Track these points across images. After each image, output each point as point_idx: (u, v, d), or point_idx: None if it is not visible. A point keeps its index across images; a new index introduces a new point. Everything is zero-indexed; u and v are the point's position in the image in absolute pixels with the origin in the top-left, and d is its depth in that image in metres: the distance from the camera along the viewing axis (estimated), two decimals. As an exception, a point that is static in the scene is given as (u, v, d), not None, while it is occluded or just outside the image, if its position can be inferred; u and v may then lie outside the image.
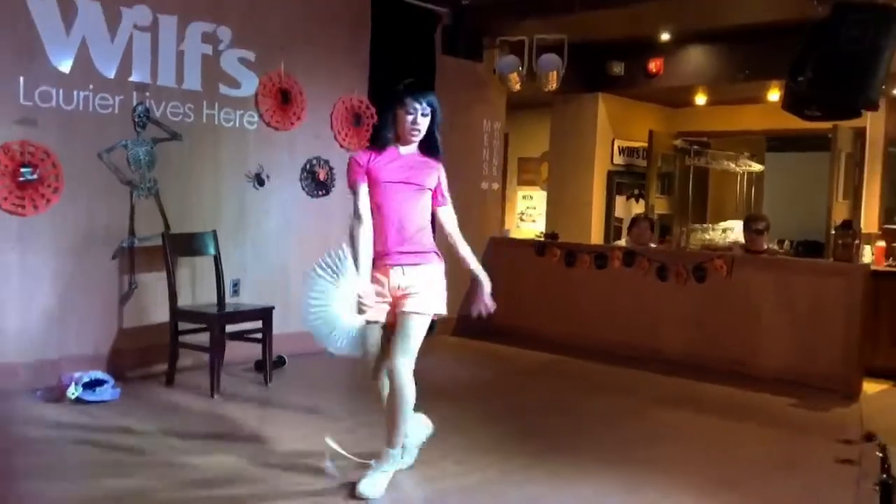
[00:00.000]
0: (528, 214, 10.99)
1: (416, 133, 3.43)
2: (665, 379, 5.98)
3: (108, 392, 4.75)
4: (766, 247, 6.76)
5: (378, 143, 3.46)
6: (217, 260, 5.47)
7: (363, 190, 3.42)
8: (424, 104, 3.41)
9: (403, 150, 3.47)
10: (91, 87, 5.06)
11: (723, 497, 3.59)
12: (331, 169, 6.38)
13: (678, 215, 9.10)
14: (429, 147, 3.51)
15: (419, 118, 3.41)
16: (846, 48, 5.09)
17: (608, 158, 8.91)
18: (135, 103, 5.25)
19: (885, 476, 3.51)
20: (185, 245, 5.39)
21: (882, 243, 6.85)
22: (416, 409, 3.54)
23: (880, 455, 3.78)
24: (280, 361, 5.67)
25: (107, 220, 5.19)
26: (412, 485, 3.60)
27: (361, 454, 3.76)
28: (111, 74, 5.14)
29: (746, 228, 6.99)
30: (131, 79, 5.23)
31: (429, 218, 3.50)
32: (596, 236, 8.67)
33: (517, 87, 6.91)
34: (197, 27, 5.51)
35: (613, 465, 3.94)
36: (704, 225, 9.06)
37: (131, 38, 5.20)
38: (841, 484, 3.79)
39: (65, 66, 4.94)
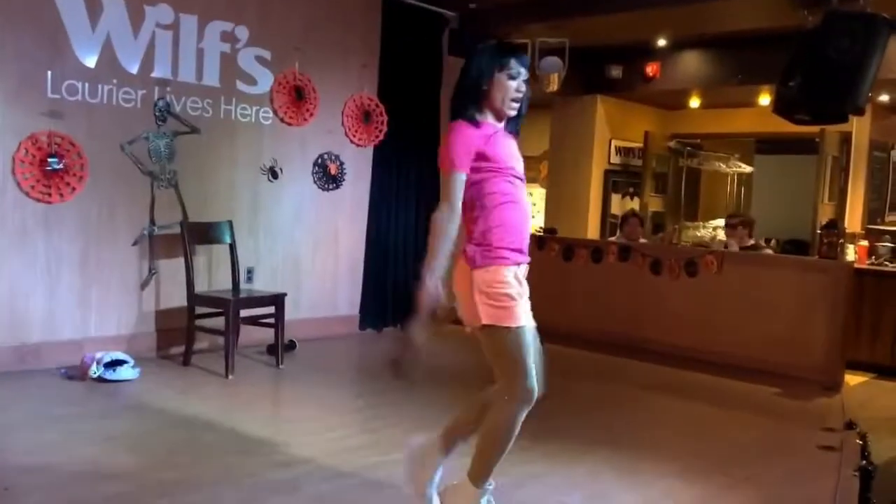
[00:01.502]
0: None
1: (517, 104, 2.78)
2: (656, 367, 6.20)
3: (128, 371, 4.95)
4: (750, 243, 6.98)
5: (467, 116, 2.73)
6: (232, 248, 5.70)
7: (463, 178, 2.69)
8: (526, 68, 2.78)
9: (496, 125, 2.79)
10: (115, 81, 5.26)
11: (712, 480, 3.75)
12: (341, 163, 6.61)
13: (671, 213, 9.34)
14: (515, 121, 2.85)
15: (522, 84, 2.76)
16: (835, 56, 5.24)
17: (605, 158, 9.11)
18: (156, 98, 5.46)
19: (864, 462, 3.77)
20: (202, 234, 5.61)
21: (865, 242, 7.07)
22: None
23: (860, 443, 4.05)
24: (291, 345, 5.89)
25: (128, 208, 5.41)
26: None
27: (365, 428, 3.96)
28: (134, 70, 5.34)
29: (726, 225, 7.25)
30: (153, 74, 5.44)
31: None
32: (593, 232, 8.87)
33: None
34: (216, 26, 5.73)
35: (606, 447, 4.12)
36: (696, 223, 9.30)
37: (154, 35, 5.41)
38: (823, 469, 3.97)
39: (90, 62, 5.14)
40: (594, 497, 3.50)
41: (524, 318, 2.73)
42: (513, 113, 2.78)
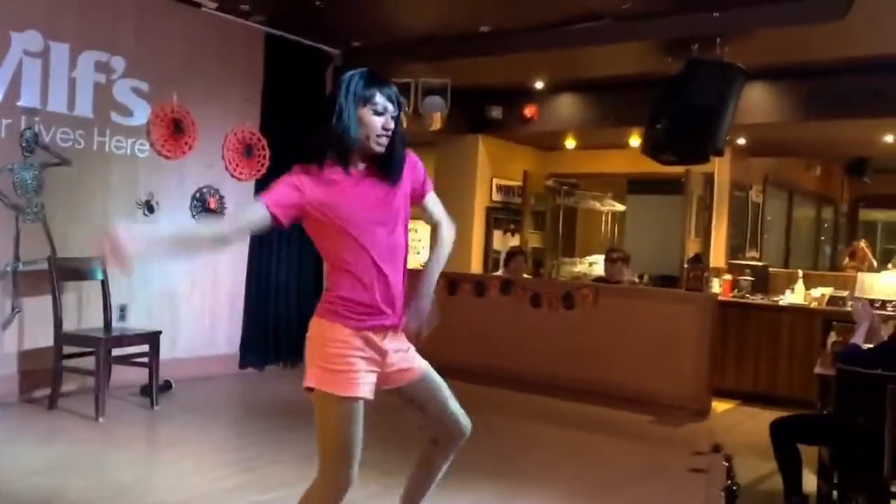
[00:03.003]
0: (414, 246, 11.27)
1: (384, 140, 2.39)
2: (537, 398, 6.35)
3: (-14, 417, 4.67)
4: (625, 277, 7.27)
5: (318, 159, 2.40)
6: (104, 284, 5.46)
7: (261, 210, 2.36)
8: (395, 102, 2.42)
9: (360, 168, 2.41)
10: (-24, 109, 5.02)
11: None
12: (221, 198, 6.47)
13: (550, 249, 9.64)
14: (389, 165, 2.44)
15: (390, 120, 2.39)
16: (696, 101, 5.65)
17: (487, 195, 9.32)
18: (23, 128, 5.22)
19: (729, 482, 3.98)
20: (71, 270, 5.35)
21: (728, 276, 7.50)
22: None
23: (726, 465, 4.27)
24: (167, 385, 5.67)
25: (-10, 243, 5.12)
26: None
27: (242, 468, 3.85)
28: (-2, 98, 5.11)
29: (606, 259, 7.54)
30: (20, 103, 5.20)
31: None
32: (476, 266, 9.02)
33: (403, 125, 7.17)
34: (90, 56, 5.55)
35: (489, 476, 4.19)
36: (573, 258, 9.63)
37: (21, 62, 5.19)
38: (693, 490, 4.19)
39: (-52, 88, 4.88)
40: (477, 526, 3.53)
41: (361, 387, 2.37)
42: (379, 149, 2.39)
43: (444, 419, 2.64)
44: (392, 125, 2.39)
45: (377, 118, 2.36)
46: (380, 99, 2.37)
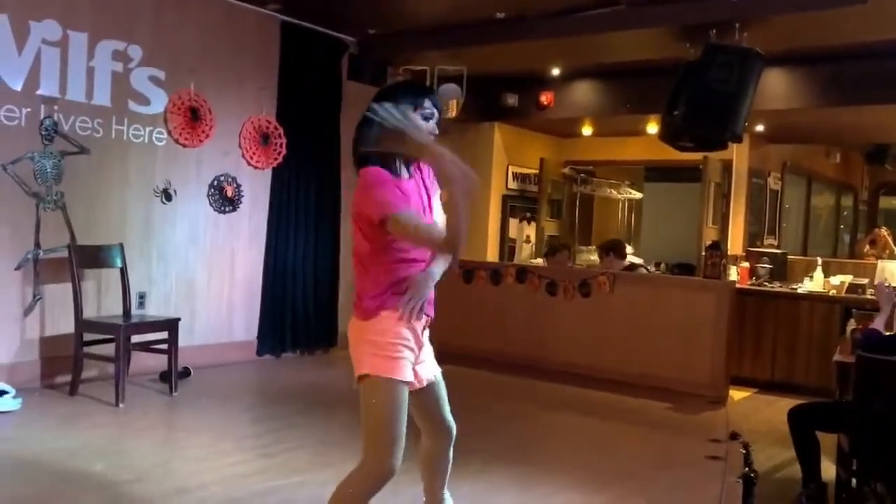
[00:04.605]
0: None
1: None
2: (553, 386, 6.36)
3: (8, 402, 4.70)
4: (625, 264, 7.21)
5: (388, 164, 2.45)
6: (123, 272, 5.52)
7: (410, 212, 2.40)
8: (439, 111, 2.55)
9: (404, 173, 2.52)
10: (-3, 98, 5.05)
11: (608, 492, 3.89)
12: (238, 186, 6.51)
13: (566, 237, 9.60)
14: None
15: (435, 126, 2.52)
16: (714, 86, 5.59)
17: (503, 183, 9.30)
18: (42, 116, 5.26)
19: (746, 470, 3.97)
20: (91, 257, 5.41)
21: (746, 264, 7.46)
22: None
23: (743, 452, 4.25)
24: (185, 372, 5.72)
25: (11, 231, 5.16)
26: (317, 484, 3.72)
27: (261, 454, 3.89)
28: (18, 87, 5.14)
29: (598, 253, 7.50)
30: (39, 92, 5.24)
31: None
32: (491, 254, 9.02)
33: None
34: (108, 45, 5.58)
35: (506, 463, 4.21)
36: (590, 247, 9.59)
37: (39, 51, 5.23)
38: (710, 478, 4.19)
39: (-31, 78, 4.91)
40: (494, 512, 3.54)
41: (407, 373, 2.49)
42: None
43: (442, 423, 2.78)
44: (437, 131, 2.49)
45: (425, 123, 2.47)
46: (428, 104, 2.49)
